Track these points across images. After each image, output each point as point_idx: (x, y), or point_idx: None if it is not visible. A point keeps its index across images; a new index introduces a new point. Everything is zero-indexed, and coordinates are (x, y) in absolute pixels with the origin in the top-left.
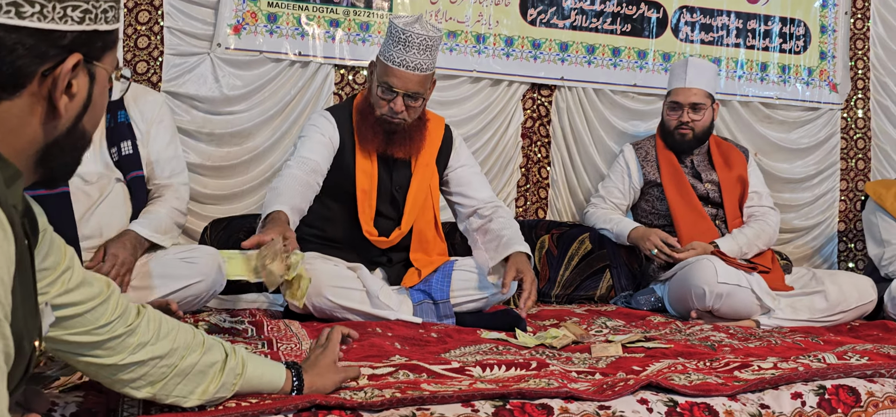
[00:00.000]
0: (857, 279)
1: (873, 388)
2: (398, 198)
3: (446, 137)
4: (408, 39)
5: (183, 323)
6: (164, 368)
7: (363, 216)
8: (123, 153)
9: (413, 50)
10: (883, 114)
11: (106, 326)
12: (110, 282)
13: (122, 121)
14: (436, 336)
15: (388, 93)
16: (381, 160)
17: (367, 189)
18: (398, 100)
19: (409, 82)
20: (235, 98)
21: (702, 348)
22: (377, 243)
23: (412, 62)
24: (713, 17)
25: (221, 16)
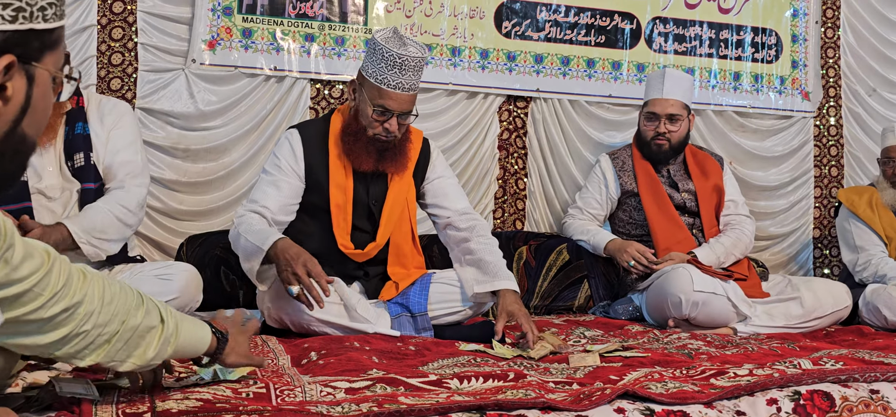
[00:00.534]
0: (831, 285)
1: (847, 393)
2: (374, 211)
3: (424, 150)
4: (403, 63)
5: (122, 283)
6: (107, 334)
7: (338, 230)
8: (77, 165)
9: (408, 72)
10: (855, 121)
11: (53, 298)
12: (49, 250)
13: (79, 132)
14: (414, 349)
15: (384, 114)
16: (357, 174)
17: (341, 203)
18: (393, 121)
19: (404, 103)
20: (211, 113)
21: (679, 356)
22: (353, 256)
23: (408, 84)
24: (686, 28)
25: (196, 31)
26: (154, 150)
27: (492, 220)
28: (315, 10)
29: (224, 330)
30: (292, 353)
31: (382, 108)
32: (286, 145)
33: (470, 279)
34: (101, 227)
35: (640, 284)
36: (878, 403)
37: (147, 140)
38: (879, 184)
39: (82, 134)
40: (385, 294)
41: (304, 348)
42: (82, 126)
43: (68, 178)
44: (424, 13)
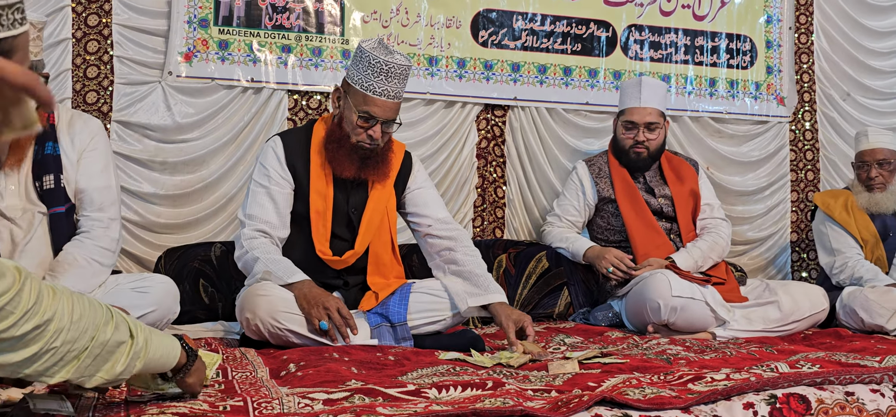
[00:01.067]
0: (809, 288)
1: (823, 395)
2: (353, 219)
3: (406, 161)
4: (389, 70)
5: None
6: (76, 350)
7: (317, 236)
8: (46, 187)
9: (394, 80)
10: (830, 125)
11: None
12: (20, 268)
13: (49, 153)
14: (393, 359)
15: (369, 121)
16: (338, 182)
17: (321, 210)
18: (377, 128)
19: (389, 111)
20: (188, 126)
21: (658, 361)
22: (331, 263)
23: (393, 91)
24: (661, 35)
25: (172, 44)
26: (131, 163)
27: (471, 229)
28: (292, 22)
29: (195, 346)
30: (271, 365)
31: (367, 115)
32: (271, 153)
33: (461, 292)
34: (86, 287)
35: (619, 291)
36: (854, 405)
37: (124, 153)
38: (854, 188)
39: (52, 154)
40: (364, 304)
41: (283, 360)
42: (52, 146)
43: (34, 200)
44: (401, 23)
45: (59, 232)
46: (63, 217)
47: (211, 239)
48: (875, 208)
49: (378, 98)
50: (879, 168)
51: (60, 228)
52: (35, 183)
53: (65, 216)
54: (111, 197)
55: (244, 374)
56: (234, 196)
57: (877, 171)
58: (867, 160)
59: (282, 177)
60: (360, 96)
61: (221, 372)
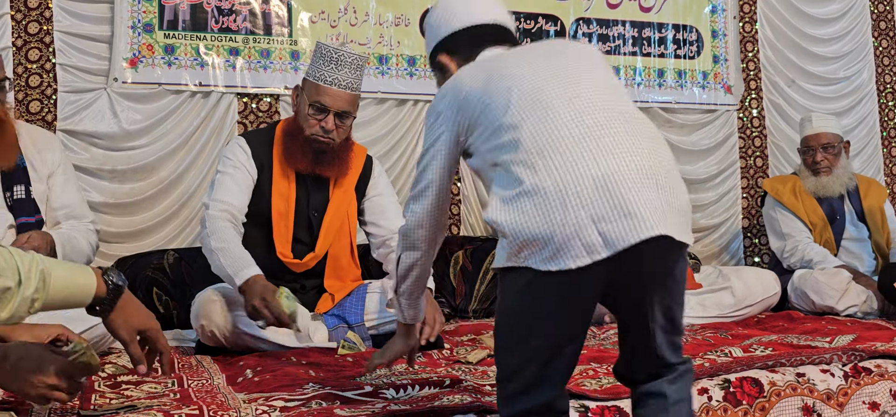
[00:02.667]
0: (761, 273)
1: (775, 378)
2: (314, 222)
3: (367, 165)
4: (339, 58)
5: None
6: None
7: (278, 238)
8: (16, 197)
9: (345, 68)
10: (776, 112)
11: None
12: None
13: (19, 164)
14: (351, 360)
15: (320, 112)
16: (300, 183)
17: (283, 211)
18: (329, 119)
19: (341, 100)
20: (136, 132)
21: (615, 352)
22: (291, 265)
23: (344, 80)
24: (609, 28)
25: (116, 50)
26: (79, 173)
27: None
28: (238, 24)
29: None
30: (227, 372)
31: (319, 105)
32: (236, 147)
33: (389, 286)
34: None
35: None
36: (805, 386)
37: (71, 162)
38: (801, 173)
39: (21, 165)
40: (321, 306)
41: (240, 365)
42: (20, 158)
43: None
44: (349, 22)
45: None
46: (33, 227)
47: (164, 247)
48: (822, 192)
49: (329, 87)
50: (824, 152)
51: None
52: (4, 193)
53: (35, 226)
54: (86, 208)
55: (200, 382)
56: (186, 202)
57: (822, 155)
58: (812, 145)
59: (245, 165)
60: (313, 88)
61: (177, 381)
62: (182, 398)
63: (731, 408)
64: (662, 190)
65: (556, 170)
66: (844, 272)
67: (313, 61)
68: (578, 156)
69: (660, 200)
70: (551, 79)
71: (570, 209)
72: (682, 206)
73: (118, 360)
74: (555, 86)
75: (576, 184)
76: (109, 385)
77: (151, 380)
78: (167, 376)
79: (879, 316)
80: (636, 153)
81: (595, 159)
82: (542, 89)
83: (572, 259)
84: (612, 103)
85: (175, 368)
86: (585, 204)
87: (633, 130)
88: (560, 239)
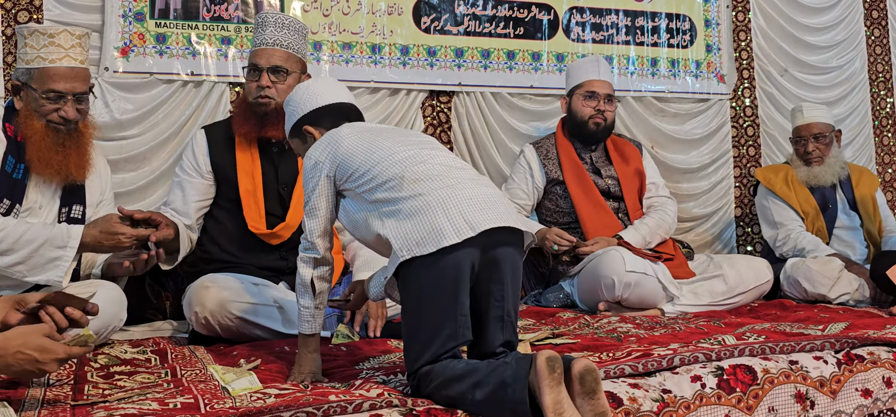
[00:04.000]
0: (753, 261)
1: (768, 365)
2: (284, 195)
3: None
4: (263, 20)
5: None
6: None
7: (249, 215)
8: (73, 216)
9: (269, 28)
10: (769, 101)
11: None
12: None
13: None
14: (345, 349)
15: (254, 73)
16: (266, 159)
17: (250, 189)
18: (264, 76)
19: (272, 57)
20: (127, 122)
21: (608, 340)
22: (265, 237)
23: (271, 39)
24: (602, 17)
25: (107, 39)
26: None
27: None
28: (230, 13)
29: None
30: (221, 362)
31: (253, 67)
32: (190, 147)
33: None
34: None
35: (571, 270)
36: (798, 373)
37: None
38: (793, 162)
39: (80, 184)
40: None
41: (234, 355)
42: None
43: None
44: (342, 11)
45: None
46: None
47: None
48: (814, 181)
49: (258, 47)
50: (816, 142)
51: None
52: (61, 209)
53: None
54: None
55: (194, 372)
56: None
57: (813, 145)
58: (804, 135)
59: (195, 168)
60: (250, 56)
61: (170, 371)
62: (177, 387)
63: (725, 395)
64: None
65: (437, 191)
66: (837, 260)
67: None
68: (450, 183)
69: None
70: (421, 145)
71: (447, 210)
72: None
73: (111, 351)
74: (427, 150)
75: (449, 197)
76: (102, 376)
77: (145, 371)
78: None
79: (871, 304)
80: (481, 187)
81: (459, 185)
82: (416, 152)
83: (448, 239)
84: (464, 165)
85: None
86: (454, 207)
87: (478, 179)
88: (442, 229)
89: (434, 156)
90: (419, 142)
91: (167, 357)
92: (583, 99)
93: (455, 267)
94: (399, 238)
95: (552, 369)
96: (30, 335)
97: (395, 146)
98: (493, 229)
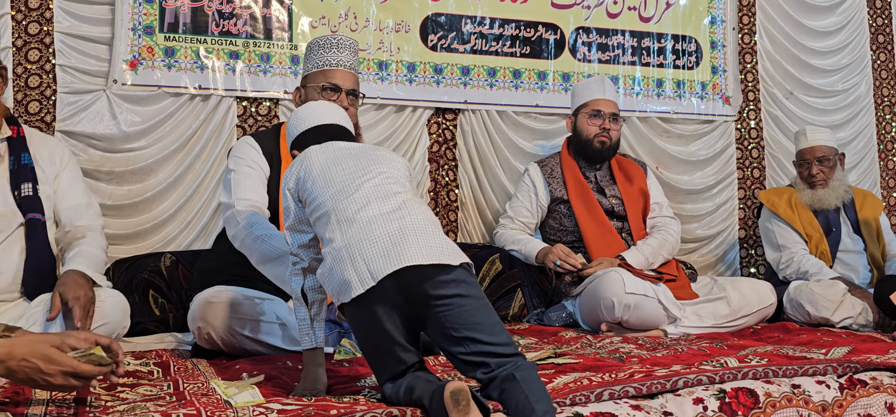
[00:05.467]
0: (756, 284)
1: (771, 389)
2: None
3: None
4: (339, 42)
5: None
6: None
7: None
8: (24, 194)
9: (345, 51)
10: (773, 123)
11: None
12: None
13: (25, 163)
14: (347, 365)
15: (335, 91)
16: None
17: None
18: (343, 98)
19: (349, 80)
20: (134, 135)
21: (610, 360)
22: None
23: (347, 61)
24: (609, 37)
25: (116, 51)
26: None
27: None
28: (239, 28)
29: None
30: (224, 376)
31: (332, 85)
32: (245, 145)
33: None
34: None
35: (573, 290)
36: (800, 397)
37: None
38: (797, 185)
39: (29, 164)
40: None
41: (236, 369)
42: (27, 157)
43: (12, 208)
44: (350, 28)
45: (36, 239)
46: (41, 225)
47: (161, 249)
48: (819, 204)
49: (336, 68)
50: (820, 165)
51: (37, 234)
52: (13, 191)
53: (42, 225)
54: (95, 210)
55: (196, 385)
56: (184, 204)
57: (817, 168)
58: (807, 158)
59: (258, 162)
60: (319, 75)
61: (173, 384)
62: (179, 400)
63: None
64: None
65: (349, 235)
66: (840, 284)
67: (309, 57)
68: (363, 223)
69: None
70: (358, 174)
71: (353, 259)
72: (433, 244)
73: None
74: (360, 179)
75: (358, 243)
76: (105, 388)
77: (147, 383)
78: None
79: (875, 328)
80: (392, 222)
81: (371, 225)
82: (345, 186)
83: (355, 291)
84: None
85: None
86: (359, 255)
87: (395, 210)
88: (349, 281)
89: (362, 186)
90: (357, 171)
91: (170, 369)
92: (588, 117)
93: (372, 312)
94: (326, 284)
95: (457, 401)
96: (37, 344)
97: (337, 175)
98: (402, 269)
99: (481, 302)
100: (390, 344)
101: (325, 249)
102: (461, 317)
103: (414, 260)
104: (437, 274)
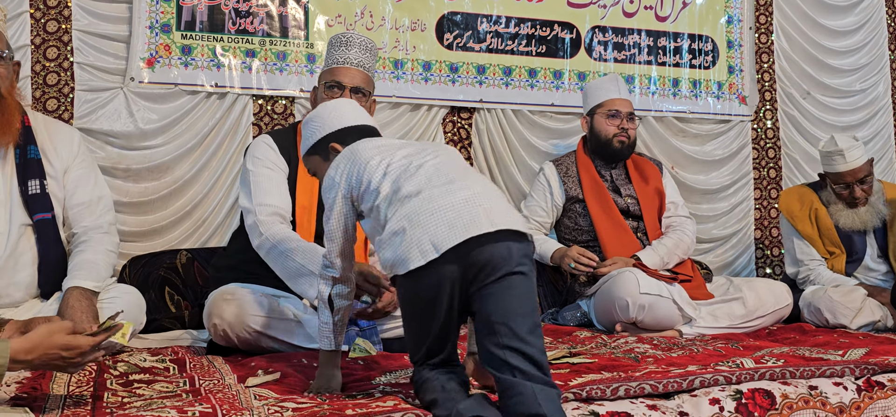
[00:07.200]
0: (772, 285)
1: (787, 390)
2: None
3: None
4: (348, 40)
5: None
6: None
7: (301, 231)
8: (31, 192)
9: (354, 48)
10: (790, 123)
11: None
12: None
13: (32, 156)
14: (362, 363)
15: (336, 89)
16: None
17: (306, 205)
18: (346, 95)
19: (354, 77)
20: (151, 132)
21: (625, 360)
22: None
23: (354, 59)
24: (625, 36)
25: (134, 49)
26: None
27: None
28: (255, 26)
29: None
30: (239, 373)
31: (333, 83)
32: (263, 145)
33: None
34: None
35: (587, 290)
36: (817, 399)
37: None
38: (831, 204)
39: (35, 158)
40: None
41: (251, 367)
42: (35, 150)
43: (18, 206)
44: (365, 27)
45: (46, 240)
46: (50, 224)
47: (176, 247)
48: (860, 225)
49: (341, 66)
50: (862, 185)
51: (47, 235)
52: (20, 187)
53: (51, 223)
54: (106, 205)
55: (212, 382)
56: (200, 202)
57: (860, 191)
58: (848, 180)
59: (276, 162)
60: (327, 73)
61: (189, 381)
62: (195, 396)
63: None
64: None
65: (415, 205)
66: (860, 289)
67: (325, 57)
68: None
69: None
70: (420, 154)
71: (415, 229)
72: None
73: (129, 358)
74: (421, 157)
75: (421, 213)
76: (122, 384)
77: (163, 379)
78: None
79: (893, 331)
80: (461, 190)
81: (437, 198)
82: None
83: (414, 262)
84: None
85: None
86: (421, 227)
87: (462, 180)
88: (408, 254)
89: (424, 165)
90: (416, 153)
91: (186, 366)
92: (606, 118)
93: (426, 284)
94: (381, 256)
95: None
96: (54, 335)
97: (396, 157)
98: (466, 240)
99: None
100: (434, 322)
101: (385, 224)
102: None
103: (482, 228)
104: (505, 239)
